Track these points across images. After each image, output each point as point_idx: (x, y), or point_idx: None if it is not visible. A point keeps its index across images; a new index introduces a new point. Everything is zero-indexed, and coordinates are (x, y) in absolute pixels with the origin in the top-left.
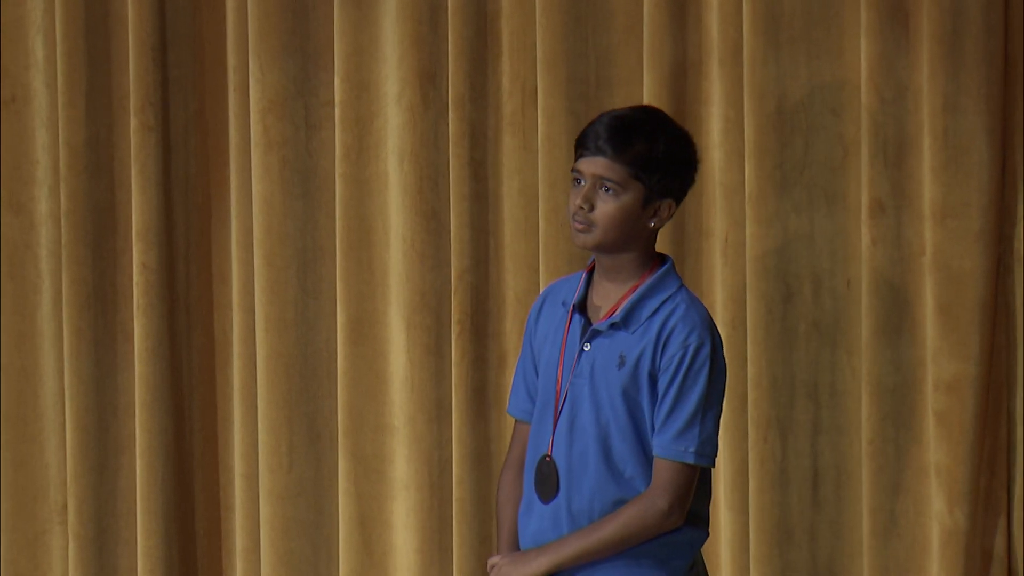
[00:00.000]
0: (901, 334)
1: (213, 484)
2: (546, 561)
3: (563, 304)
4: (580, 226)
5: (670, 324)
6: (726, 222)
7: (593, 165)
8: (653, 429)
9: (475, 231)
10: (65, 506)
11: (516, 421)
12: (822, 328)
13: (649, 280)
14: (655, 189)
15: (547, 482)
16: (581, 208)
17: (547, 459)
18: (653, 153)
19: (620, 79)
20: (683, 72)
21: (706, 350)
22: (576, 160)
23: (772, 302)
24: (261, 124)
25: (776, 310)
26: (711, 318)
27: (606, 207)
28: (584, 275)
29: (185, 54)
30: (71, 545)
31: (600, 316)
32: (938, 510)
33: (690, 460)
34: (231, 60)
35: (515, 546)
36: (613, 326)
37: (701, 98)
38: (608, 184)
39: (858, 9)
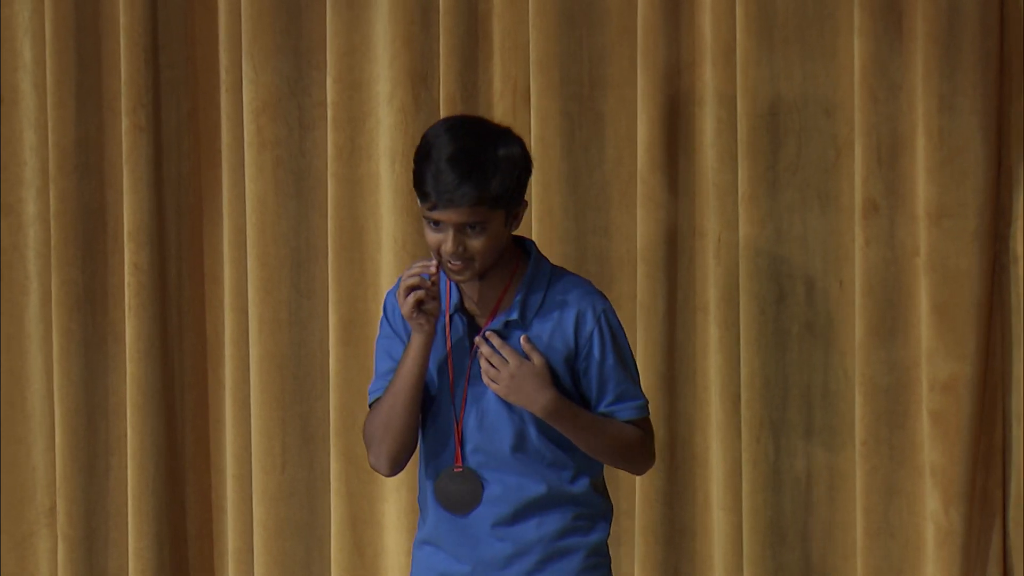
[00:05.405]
0: (895, 335)
1: (205, 485)
2: (555, 397)
3: None
4: (456, 266)
5: (574, 304)
6: (719, 223)
7: (455, 215)
8: (591, 402)
9: None
10: (52, 508)
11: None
12: (815, 329)
13: (527, 272)
14: (512, 205)
15: (467, 494)
16: (455, 253)
17: (457, 470)
18: (504, 179)
19: (613, 80)
20: (676, 73)
21: (612, 310)
22: (428, 209)
23: (765, 303)
24: (255, 124)
25: (769, 311)
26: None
27: (478, 243)
28: (448, 280)
29: (177, 55)
30: (60, 546)
31: (486, 316)
32: (933, 510)
33: (647, 413)
34: (223, 60)
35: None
36: (508, 324)
37: (694, 99)
38: (474, 224)
39: (851, 10)
